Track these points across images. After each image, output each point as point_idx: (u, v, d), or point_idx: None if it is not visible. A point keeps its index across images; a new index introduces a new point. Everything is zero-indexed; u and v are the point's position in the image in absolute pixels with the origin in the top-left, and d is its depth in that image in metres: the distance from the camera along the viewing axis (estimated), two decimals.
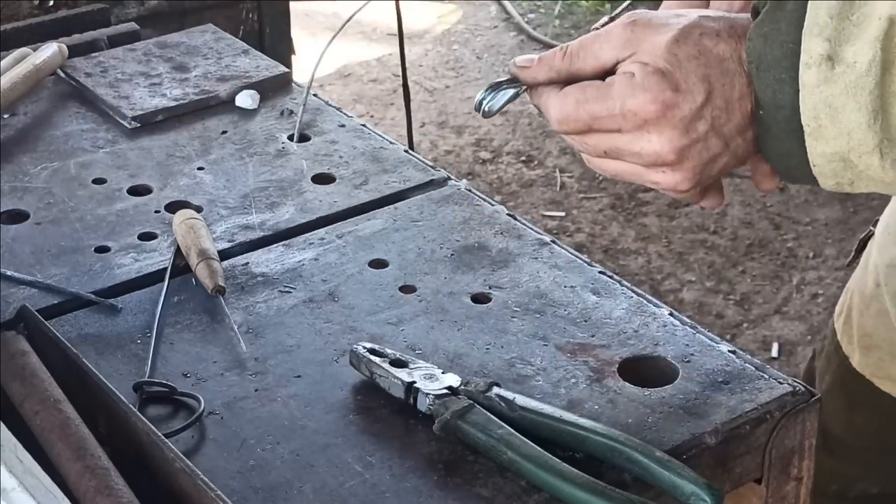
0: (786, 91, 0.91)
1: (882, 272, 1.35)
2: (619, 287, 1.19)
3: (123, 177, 1.38)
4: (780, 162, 0.95)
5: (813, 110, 0.90)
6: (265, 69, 1.56)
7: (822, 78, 0.89)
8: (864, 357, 1.37)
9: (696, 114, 0.93)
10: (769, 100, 0.92)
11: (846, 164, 0.92)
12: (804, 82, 0.90)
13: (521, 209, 3.36)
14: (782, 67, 0.91)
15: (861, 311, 1.38)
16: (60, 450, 0.95)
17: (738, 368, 1.09)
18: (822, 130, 0.91)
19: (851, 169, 0.92)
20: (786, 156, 0.94)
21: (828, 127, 0.90)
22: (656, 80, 0.92)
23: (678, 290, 3.10)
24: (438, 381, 1.04)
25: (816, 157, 0.92)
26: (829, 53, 0.89)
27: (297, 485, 0.98)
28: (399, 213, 1.31)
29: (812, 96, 0.90)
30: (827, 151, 0.91)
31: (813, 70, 0.89)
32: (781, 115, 0.92)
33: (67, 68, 1.55)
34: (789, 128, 0.92)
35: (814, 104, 0.90)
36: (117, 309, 1.17)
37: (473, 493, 0.97)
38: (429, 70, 4.10)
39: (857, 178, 0.93)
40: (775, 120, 0.92)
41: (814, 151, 0.92)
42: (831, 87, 0.89)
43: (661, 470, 0.95)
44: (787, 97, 0.91)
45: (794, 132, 0.92)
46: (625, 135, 0.95)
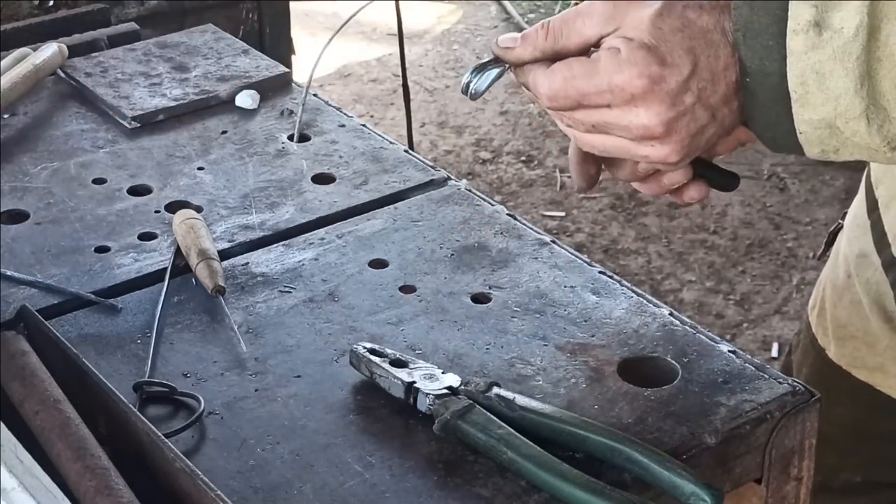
0: (773, 58, 0.91)
1: (853, 263, 1.36)
2: (619, 287, 1.19)
3: (123, 177, 1.38)
4: (767, 130, 0.96)
5: (800, 76, 0.91)
6: (265, 69, 1.56)
7: (809, 44, 0.90)
8: (840, 348, 1.37)
9: (682, 86, 0.93)
10: (756, 67, 0.92)
11: (832, 131, 0.92)
12: (792, 49, 0.91)
13: (521, 209, 3.36)
14: (770, 34, 0.91)
15: (834, 302, 1.39)
16: (60, 450, 0.95)
17: (738, 368, 1.09)
18: (810, 97, 0.91)
19: (837, 136, 0.93)
20: (772, 124, 0.95)
21: (815, 93, 0.91)
22: (642, 55, 0.93)
23: (678, 290, 3.10)
24: (438, 381, 1.04)
25: (803, 124, 0.93)
26: (816, 19, 0.89)
27: (297, 485, 0.98)
28: (399, 213, 1.31)
29: (799, 62, 0.91)
30: (814, 118, 0.92)
31: (801, 36, 0.90)
32: (769, 83, 0.92)
33: (67, 68, 1.55)
34: (776, 95, 0.92)
35: (801, 70, 0.91)
36: (117, 309, 1.17)
37: (473, 493, 0.97)
38: (429, 70, 4.10)
39: (843, 145, 0.94)
40: (762, 88, 0.93)
41: (800, 118, 0.93)
42: (819, 53, 0.90)
43: (661, 470, 0.95)
44: (775, 64, 0.91)
45: (782, 99, 0.92)
46: (613, 110, 0.95)
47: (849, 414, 1.34)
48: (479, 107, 3.89)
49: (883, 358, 1.33)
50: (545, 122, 3.80)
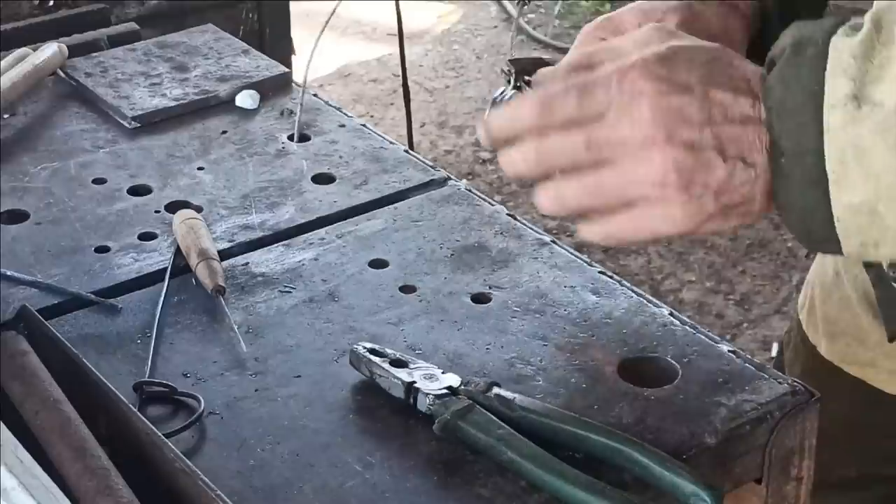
0: (809, 135, 0.87)
1: (840, 260, 1.35)
2: (619, 287, 1.19)
3: (123, 177, 1.38)
4: (802, 221, 0.91)
5: (839, 153, 0.86)
6: (265, 69, 1.56)
7: (848, 118, 0.86)
8: (831, 344, 1.37)
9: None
10: (792, 147, 0.89)
11: (873, 218, 0.87)
12: (829, 124, 0.87)
13: (521, 209, 3.36)
14: (805, 111, 0.87)
15: (823, 300, 1.39)
16: (60, 450, 0.95)
17: (738, 368, 1.09)
18: (849, 175, 0.87)
19: (878, 223, 0.88)
20: (808, 212, 0.90)
21: (855, 171, 0.86)
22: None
23: (678, 290, 3.10)
24: (438, 381, 1.04)
25: (841, 208, 0.88)
26: (854, 93, 0.86)
27: (297, 485, 0.98)
28: (399, 213, 1.31)
29: (838, 138, 0.86)
30: (853, 201, 0.87)
31: (838, 110, 0.86)
32: (805, 163, 0.88)
33: (67, 68, 1.55)
34: (813, 177, 0.88)
35: (840, 146, 0.86)
36: (117, 309, 1.17)
37: (473, 493, 0.97)
38: (429, 70, 4.10)
39: (883, 236, 0.88)
40: (798, 168, 0.89)
41: (839, 202, 0.88)
42: (858, 127, 0.86)
43: (661, 470, 0.95)
44: (812, 141, 0.87)
45: (818, 182, 0.88)
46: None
47: (842, 409, 1.34)
48: (479, 107, 3.89)
49: (874, 353, 1.33)
50: None
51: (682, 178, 0.93)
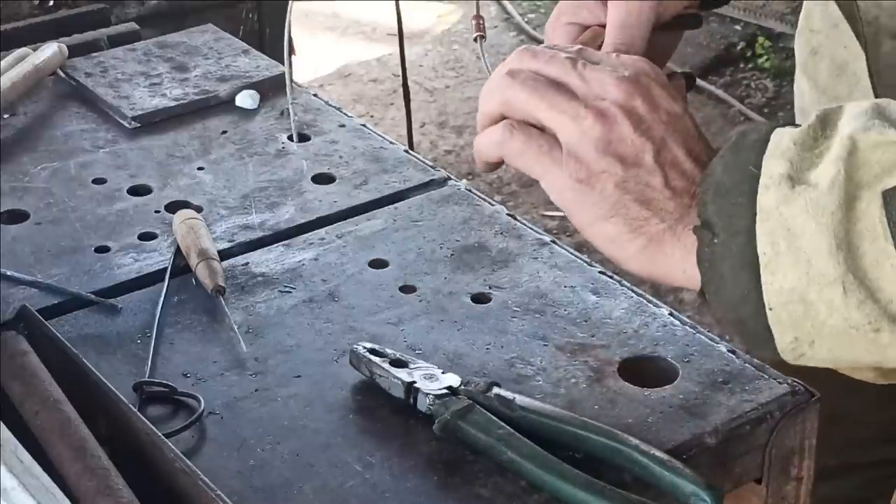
0: (742, 216, 0.86)
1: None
2: (619, 287, 1.19)
3: (123, 177, 1.38)
4: (734, 311, 0.88)
5: (770, 235, 0.84)
6: (265, 69, 1.56)
7: (780, 198, 0.84)
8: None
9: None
10: (725, 227, 0.87)
11: (805, 308, 0.85)
12: (762, 205, 0.85)
13: (521, 209, 3.36)
14: (740, 191, 0.86)
15: None
16: (60, 450, 0.95)
17: (738, 368, 1.09)
18: (780, 259, 0.84)
19: (812, 317, 0.85)
20: (740, 299, 0.87)
21: (785, 255, 0.84)
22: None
23: (678, 289, 3.10)
24: (438, 381, 1.04)
25: (772, 295, 0.85)
26: (789, 173, 0.85)
27: (297, 485, 0.98)
28: (399, 213, 1.31)
29: (770, 219, 0.85)
30: (784, 287, 0.85)
31: (772, 191, 0.85)
32: (737, 243, 0.86)
33: (67, 68, 1.55)
34: (745, 260, 0.86)
35: (771, 228, 0.84)
36: (117, 309, 1.17)
37: (473, 493, 0.97)
38: (429, 70, 4.10)
39: (818, 332, 0.85)
40: (730, 250, 0.87)
41: (770, 288, 0.85)
42: (790, 208, 0.84)
43: (661, 470, 0.95)
44: (744, 222, 0.86)
45: (750, 266, 0.85)
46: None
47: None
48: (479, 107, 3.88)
49: None
50: None
51: (605, 133, 0.92)
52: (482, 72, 4.05)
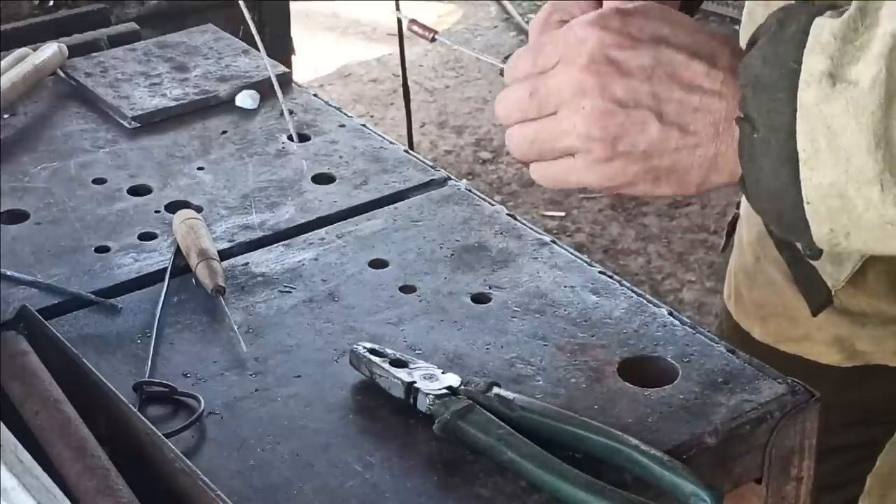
0: (783, 111, 0.86)
1: (757, 245, 1.38)
2: (619, 287, 1.19)
3: (123, 177, 1.38)
4: (772, 203, 0.90)
5: (810, 132, 0.85)
6: (265, 69, 1.56)
7: (821, 96, 0.85)
8: (764, 327, 1.39)
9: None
10: (765, 123, 0.87)
11: (843, 203, 0.86)
12: (802, 101, 0.85)
13: (521, 209, 3.36)
14: (780, 87, 0.86)
15: (749, 286, 1.41)
16: (60, 450, 0.95)
17: (738, 368, 1.09)
18: (819, 156, 0.85)
19: (848, 211, 0.86)
20: (779, 193, 0.88)
21: (825, 152, 0.85)
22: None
23: (678, 290, 3.10)
24: (438, 381, 1.04)
25: (811, 190, 0.86)
26: (830, 70, 0.85)
27: (297, 485, 0.98)
28: (399, 213, 1.31)
29: (810, 116, 0.85)
30: (823, 183, 0.86)
31: (812, 88, 0.85)
32: (777, 138, 0.87)
33: (67, 68, 1.55)
34: (784, 155, 0.87)
35: (812, 125, 0.85)
36: (117, 309, 1.17)
37: (473, 493, 0.97)
38: (429, 70, 4.10)
39: (854, 225, 0.87)
40: (770, 146, 0.87)
41: (808, 183, 0.86)
42: (831, 106, 0.85)
43: (661, 470, 0.95)
44: (785, 118, 0.86)
45: (789, 161, 0.87)
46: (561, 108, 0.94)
47: None
48: (479, 107, 3.89)
49: (806, 327, 1.35)
50: None
51: (607, 133, 0.93)
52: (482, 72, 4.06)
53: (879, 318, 1.32)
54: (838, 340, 1.35)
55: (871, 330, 1.33)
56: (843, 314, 1.32)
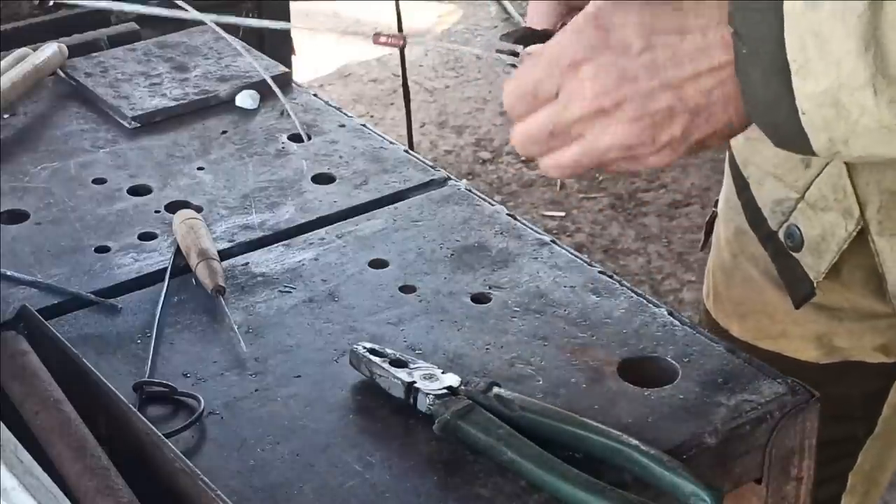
0: (770, 22, 0.86)
1: (734, 243, 1.38)
2: (619, 287, 1.19)
3: (123, 177, 1.38)
4: (767, 115, 0.89)
5: (799, 40, 0.85)
6: (265, 69, 1.56)
7: (808, 3, 0.84)
8: (742, 325, 1.39)
9: (629, 59, 0.91)
10: (753, 36, 0.87)
11: (838, 110, 0.86)
12: (788, 10, 0.85)
13: (521, 209, 3.36)
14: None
15: (727, 284, 1.41)
16: (60, 450, 0.95)
17: (738, 368, 1.09)
18: (810, 65, 0.85)
19: (844, 117, 0.86)
20: (773, 105, 0.88)
21: (815, 60, 0.85)
22: (583, 20, 0.92)
23: (678, 290, 3.10)
24: (438, 381, 1.04)
25: (805, 100, 0.86)
26: None
27: (297, 485, 0.98)
28: (399, 213, 1.31)
29: (798, 25, 0.85)
30: (816, 91, 0.85)
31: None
32: (766, 50, 0.87)
33: (67, 68, 1.55)
34: (774, 66, 0.87)
35: (800, 34, 0.85)
36: (117, 309, 1.17)
37: (473, 493, 0.97)
38: (429, 70, 4.10)
39: (852, 132, 0.86)
40: (760, 59, 0.87)
41: (802, 93, 0.86)
42: (817, 13, 0.84)
43: (661, 470, 0.95)
44: (773, 30, 0.86)
45: (781, 72, 0.87)
46: (562, 91, 0.93)
47: None
48: (479, 107, 3.89)
49: (784, 324, 1.36)
50: None
51: (644, 137, 0.93)
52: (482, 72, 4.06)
53: (857, 313, 1.33)
54: (816, 336, 1.35)
55: (848, 325, 1.34)
56: (821, 310, 1.33)
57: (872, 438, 1.40)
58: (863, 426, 1.40)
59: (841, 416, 1.38)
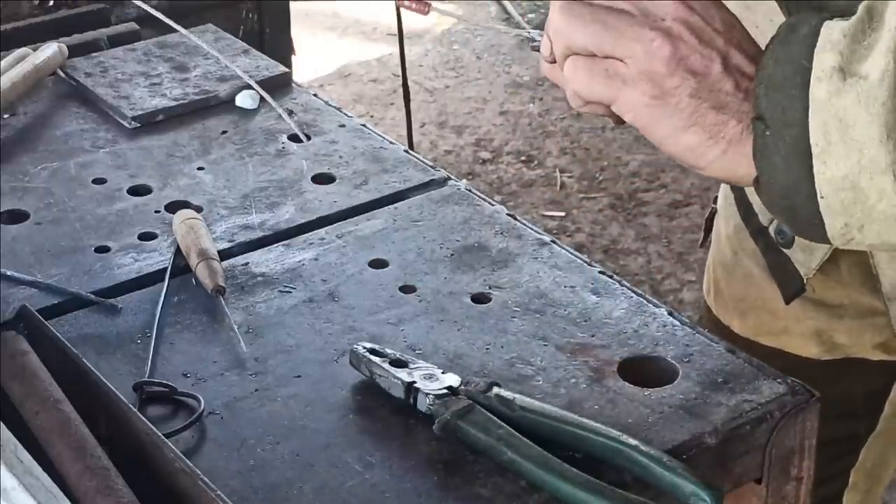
0: (796, 108, 0.88)
1: (734, 239, 1.39)
2: (619, 287, 1.19)
3: (123, 177, 1.38)
4: (786, 198, 0.91)
5: (823, 126, 0.87)
6: (265, 69, 1.56)
7: (833, 90, 0.87)
8: (744, 321, 1.40)
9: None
10: (778, 119, 0.89)
11: (856, 195, 0.87)
12: (814, 97, 0.87)
13: (521, 209, 3.36)
14: (793, 84, 0.88)
15: (728, 281, 1.42)
16: (60, 450, 0.95)
17: (738, 368, 1.09)
18: (832, 149, 0.87)
19: (862, 202, 0.88)
20: (792, 188, 0.90)
21: (838, 145, 0.87)
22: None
23: (678, 290, 3.10)
24: (438, 381, 1.04)
25: (825, 184, 0.88)
26: (840, 66, 0.87)
27: (297, 485, 0.98)
28: (399, 213, 1.31)
29: (822, 111, 0.87)
30: (836, 175, 0.88)
31: (824, 83, 0.87)
32: (790, 134, 0.89)
33: (67, 68, 1.55)
34: (797, 150, 0.88)
35: (824, 119, 0.87)
36: (117, 309, 1.17)
37: (473, 493, 0.97)
38: (429, 70, 4.10)
39: (868, 217, 0.88)
40: (783, 141, 0.89)
41: (822, 177, 0.88)
42: (842, 99, 0.87)
43: (661, 470, 0.95)
44: (797, 114, 0.88)
45: (802, 155, 0.88)
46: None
47: None
48: (479, 107, 3.89)
49: (785, 321, 1.36)
50: (545, 123, 3.80)
51: (674, 51, 0.92)
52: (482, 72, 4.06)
53: (856, 310, 1.33)
54: (817, 333, 1.36)
55: (848, 322, 1.34)
56: (821, 306, 1.34)
57: (874, 436, 1.40)
58: (865, 424, 1.40)
59: (843, 414, 1.38)
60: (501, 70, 4.05)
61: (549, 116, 3.82)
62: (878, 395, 1.39)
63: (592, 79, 0.95)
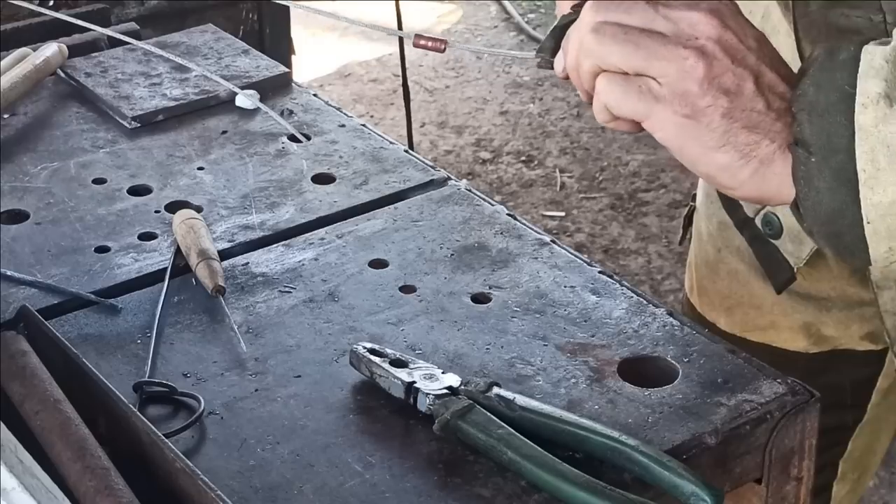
0: (841, 134, 0.88)
1: (718, 236, 1.39)
2: (619, 287, 1.19)
3: (123, 177, 1.38)
4: (830, 224, 0.91)
5: (871, 152, 0.87)
6: (265, 69, 1.56)
7: (880, 117, 0.87)
8: (730, 317, 1.40)
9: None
10: (823, 146, 0.89)
11: None
12: (860, 124, 0.88)
13: (521, 209, 3.36)
14: (836, 111, 0.88)
15: (712, 278, 1.42)
16: (60, 450, 0.95)
17: (738, 368, 1.09)
18: (880, 175, 0.87)
19: None
20: (837, 214, 0.90)
21: (885, 171, 0.87)
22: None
23: (678, 290, 3.10)
24: (438, 381, 1.04)
25: (871, 209, 0.88)
26: (886, 92, 0.87)
27: (297, 485, 0.98)
28: (399, 213, 1.31)
29: (870, 137, 0.87)
30: (884, 201, 0.88)
31: (870, 110, 0.87)
32: (836, 160, 0.88)
33: (67, 68, 1.55)
34: (843, 177, 0.89)
35: (871, 146, 0.87)
36: (117, 309, 1.17)
37: (473, 493, 0.97)
38: (429, 70, 4.10)
39: None
40: (829, 167, 0.89)
41: (868, 202, 0.88)
42: (889, 125, 0.87)
43: (661, 470, 0.95)
44: (843, 141, 0.88)
45: (848, 182, 0.89)
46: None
47: None
48: (479, 107, 3.89)
49: (772, 315, 1.36)
50: (545, 122, 3.80)
51: (708, 70, 0.92)
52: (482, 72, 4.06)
53: (843, 302, 1.33)
54: (804, 326, 1.36)
55: (836, 314, 1.35)
56: (808, 299, 1.34)
57: (862, 425, 1.41)
58: (852, 414, 1.40)
59: (831, 406, 1.38)
60: (501, 70, 4.05)
61: (549, 116, 3.82)
62: (866, 385, 1.39)
63: (626, 95, 0.95)
